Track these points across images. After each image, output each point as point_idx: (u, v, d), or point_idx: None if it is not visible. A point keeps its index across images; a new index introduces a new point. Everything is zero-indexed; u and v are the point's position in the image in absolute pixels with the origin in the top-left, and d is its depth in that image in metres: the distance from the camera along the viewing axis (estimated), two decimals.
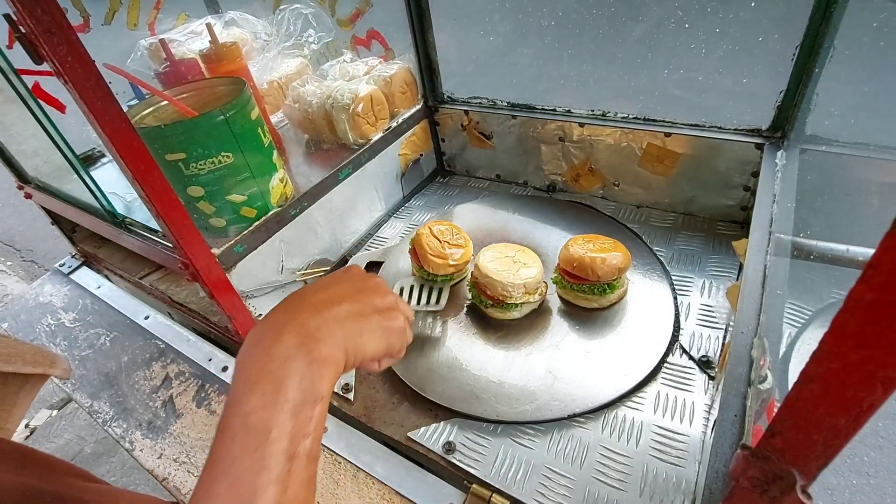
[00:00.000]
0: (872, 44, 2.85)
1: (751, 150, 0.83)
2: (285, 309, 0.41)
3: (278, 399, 0.34)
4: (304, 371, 0.37)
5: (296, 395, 0.35)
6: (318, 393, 0.37)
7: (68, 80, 0.54)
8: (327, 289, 0.44)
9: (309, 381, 0.36)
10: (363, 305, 0.45)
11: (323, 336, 0.39)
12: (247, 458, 0.32)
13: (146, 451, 0.78)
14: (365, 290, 0.46)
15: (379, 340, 0.45)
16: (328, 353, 0.39)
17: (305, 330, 0.39)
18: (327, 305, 0.42)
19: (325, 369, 0.38)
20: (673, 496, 0.58)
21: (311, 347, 0.38)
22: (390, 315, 0.47)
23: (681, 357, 0.73)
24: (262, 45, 1.18)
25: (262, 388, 0.35)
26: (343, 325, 0.41)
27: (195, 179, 0.77)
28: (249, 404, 0.34)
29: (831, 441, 0.25)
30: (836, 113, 2.11)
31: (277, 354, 0.37)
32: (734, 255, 0.85)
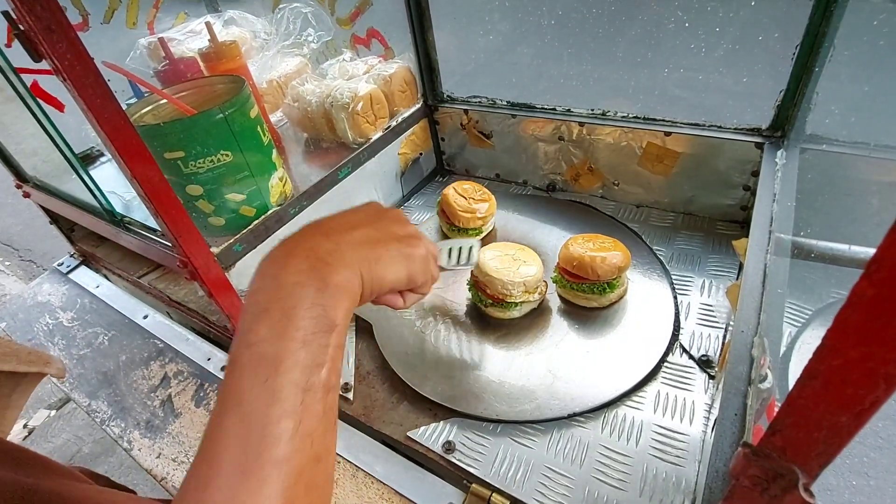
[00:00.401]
0: (872, 43, 2.86)
1: (751, 150, 0.83)
2: (296, 235, 0.38)
3: (288, 328, 0.32)
4: (314, 297, 0.34)
5: (307, 324, 0.33)
6: (331, 320, 0.34)
7: (67, 78, 0.54)
8: (343, 216, 0.42)
9: (321, 308, 0.34)
10: (380, 232, 0.41)
11: (335, 260, 0.36)
12: (256, 390, 0.30)
13: (144, 450, 0.77)
14: (383, 218, 0.43)
15: (399, 267, 0.41)
16: (342, 279, 0.36)
17: (316, 254, 0.36)
18: (341, 231, 0.39)
19: (338, 295, 0.35)
20: (673, 496, 0.58)
21: (323, 272, 0.35)
22: (411, 242, 0.43)
23: (681, 356, 0.73)
24: (261, 44, 1.18)
25: (270, 316, 0.32)
26: (358, 249, 0.38)
27: (194, 178, 0.76)
28: (258, 334, 0.32)
29: (833, 439, 0.25)
30: (836, 112, 2.11)
31: (286, 281, 0.34)
32: (734, 255, 0.85)
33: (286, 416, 0.30)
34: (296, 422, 0.30)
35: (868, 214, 0.74)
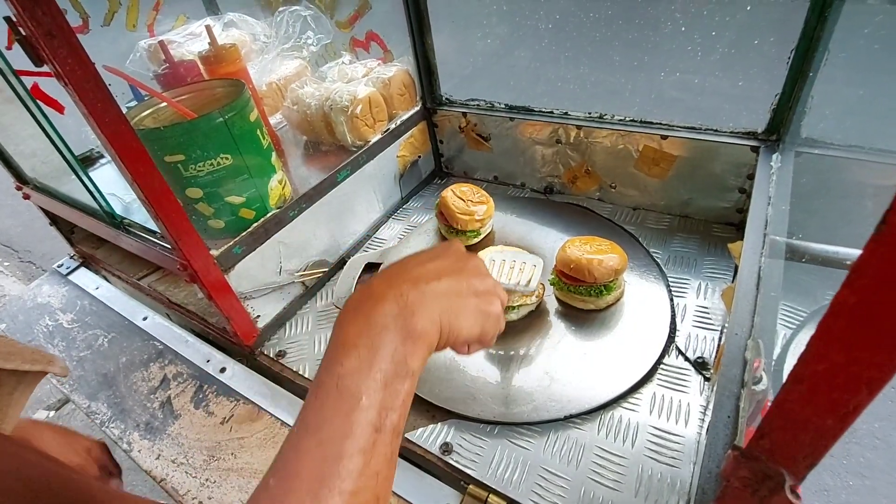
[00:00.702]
0: (867, 47, 2.87)
1: (746, 153, 0.84)
2: (386, 277, 0.41)
3: (372, 367, 0.35)
4: (398, 343, 0.37)
5: (388, 367, 0.36)
6: (409, 368, 0.37)
7: (68, 82, 0.54)
8: (428, 263, 0.44)
9: (402, 355, 0.37)
10: (462, 285, 0.43)
11: (420, 310, 0.39)
12: (337, 420, 0.33)
13: (144, 451, 0.78)
14: (465, 270, 0.45)
15: (474, 323, 0.44)
16: (423, 328, 0.39)
17: (404, 301, 0.39)
18: (427, 279, 0.41)
19: (418, 344, 0.38)
20: (668, 497, 0.58)
21: (408, 320, 0.38)
22: (488, 299, 0.45)
23: (677, 358, 0.73)
24: (260, 47, 1.18)
25: (358, 352, 0.35)
26: (440, 301, 0.41)
27: (194, 181, 0.77)
28: (345, 366, 0.35)
29: (818, 442, 0.26)
30: (830, 116, 2.12)
31: (376, 322, 0.37)
32: (729, 257, 0.85)
33: (359, 453, 0.32)
34: (366, 460, 0.32)
35: (862, 217, 0.75)
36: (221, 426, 0.79)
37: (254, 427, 0.77)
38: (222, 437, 0.77)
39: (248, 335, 0.85)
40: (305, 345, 0.87)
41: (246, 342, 0.85)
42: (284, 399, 0.81)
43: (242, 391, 0.83)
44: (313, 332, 0.90)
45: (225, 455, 0.74)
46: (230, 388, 0.84)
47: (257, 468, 0.72)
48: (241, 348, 0.87)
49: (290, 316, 0.93)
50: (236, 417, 0.79)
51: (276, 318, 0.90)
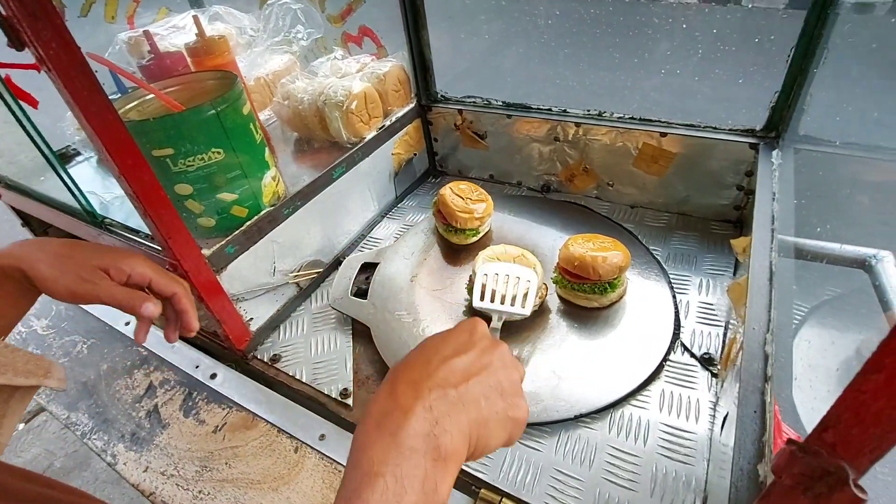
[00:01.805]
0: (865, 45, 2.96)
1: (745, 150, 0.84)
2: (410, 381, 0.37)
3: (402, 501, 0.31)
4: (428, 470, 0.33)
5: (419, 498, 0.32)
6: (439, 497, 0.33)
7: (52, 68, 0.50)
8: (454, 358, 0.40)
9: (432, 483, 0.33)
10: (490, 383, 0.40)
11: (450, 427, 0.35)
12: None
13: (130, 464, 0.73)
14: (492, 365, 0.41)
15: (502, 432, 0.40)
16: (454, 449, 0.35)
17: (433, 416, 0.35)
18: (455, 383, 0.38)
19: (448, 468, 0.35)
20: (684, 495, 0.57)
21: (440, 440, 0.34)
22: (516, 402, 0.41)
23: (682, 355, 0.73)
24: (248, 41, 1.15)
25: (383, 483, 0.31)
26: (470, 411, 0.37)
27: (183, 176, 0.73)
28: (370, 501, 0.31)
29: (889, 434, 0.25)
30: (829, 114, 2.17)
31: (403, 443, 0.33)
32: (729, 254, 0.86)
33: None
34: None
35: (859, 213, 0.76)
36: (214, 435, 0.75)
37: (248, 435, 0.74)
38: (215, 447, 0.73)
39: (240, 339, 0.81)
40: (301, 348, 0.84)
41: (238, 346, 0.81)
42: (280, 405, 0.77)
43: (235, 398, 0.79)
44: (308, 334, 0.86)
45: (218, 465, 0.70)
46: (222, 395, 0.80)
47: (253, 478, 0.68)
48: (233, 353, 0.83)
49: (285, 318, 0.89)
50: (229, 425, 0.76)
51: (269, 321, 0.86)
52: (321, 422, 0.73)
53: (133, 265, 0.57)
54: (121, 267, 0.56)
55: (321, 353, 0.82)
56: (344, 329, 0.85)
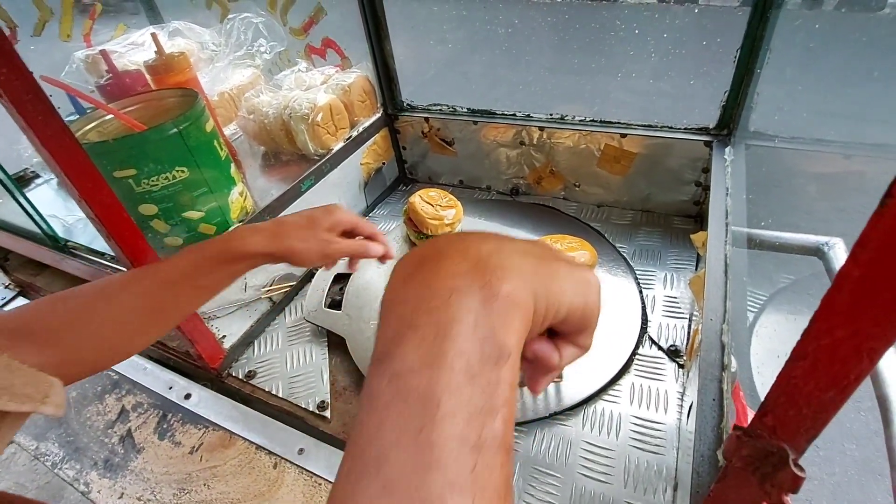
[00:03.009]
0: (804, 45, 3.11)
1: (700, 148, 0.88)
2: (439, 241, 0.28)
3: (447, 352, 0.22)
4: (479, 310, 0.24)
5: (472, 347, 0.23)
6: (502, 345, 0.23)
7: (3, 93, 0.50)
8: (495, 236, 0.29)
9: (488, 327, 0.23)
10: (549, 251, 0.30)
11: (504, 263, 0.25)
12: (406, 446, 0.21)
13: (104, 491, 0.72)
14: (549, 247, 0.31)
15: (577, 291, 0.29)
16: (513, 288, 0.25)
17: (478, 254, 0.26)
18: (498, 238, 0.28)
19: (511, 311, 0.24)
20: (656, 484, 0.59)
21: (489, 278, 0.24)
22: (584, 268, 0.31)
23: (650, 348, 0.75)
24: (210, 56, 1.14)
25: (419, 334, 0.23)
26: (527, 258, 0.27)
27: (147, 196, 0.72)
28: (404, 361, 0.23)
29: (820, 415, 0.27)
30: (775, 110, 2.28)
31: (440, 286, 0.24)
32: (691, 248, 0.89)
33: (453, 491, 0.20)
34: (468, 498, 0.20)
35: (807, 202, 0.80)
36: (190, 456, 0.74)
37: (227, 454, 0.73)
38: (192, 468, 0.72)
39: (213, 357, 0.80)
40: (276, 363, 0.84)
41: (212, 365, 0.80)
42: (258, 421, 0.77)
43: (211, 417, 0.78)
44: (284, 348, 0.86)
45: (197, 487, 0.70)
46: (197, 415, 0.79)
47: (233, 497, 0.68)
48: (207, 371, 0.82)
49: (259, 334, 0.89)
50: (206, 445, 0.75)
51: (243, 337, 0.85)
52: (300, 436, 0.73)
53: (342, 217, 0.63)
54: (339, 222, 0.62)
55: (297, 367, 0.82)
56: (319, 341, 0.85)
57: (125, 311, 0.50)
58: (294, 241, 0.57)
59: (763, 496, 0.31)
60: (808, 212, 0.81)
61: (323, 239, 0.59)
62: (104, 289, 0.51)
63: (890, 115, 2.44)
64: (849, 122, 2.41)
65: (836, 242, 0.84)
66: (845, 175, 0.75)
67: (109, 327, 0.49)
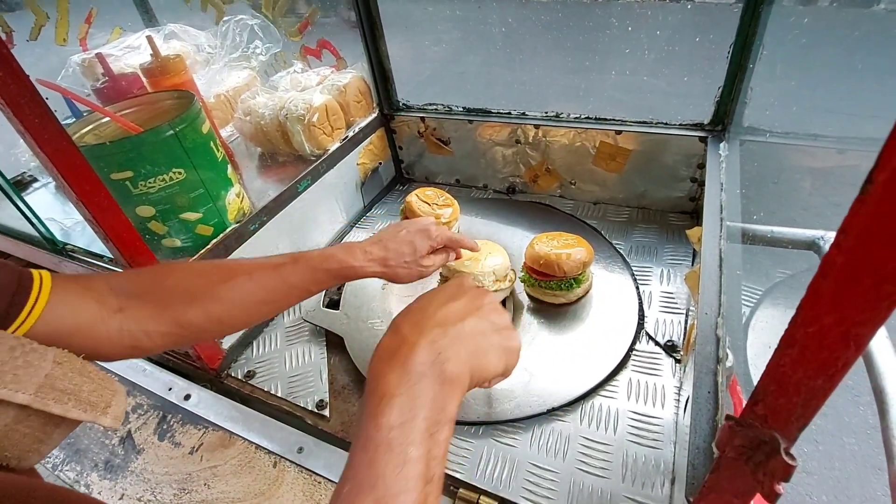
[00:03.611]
0: (796, 41, 3.12)
1: (695, 144, 0.88)
2: (413, 322, 0.42)
3: (416, 416, 0.35)
4: (437, 390, 0.38)
5: (431, 415, 0.36)
6: (448, 414, 0.38)
7: (0, 97, 0.50)
8: (449, 303, 0.45)
9: (441, 401, 0.37)
10: (485, 323, 0.45)
11: (452, 356, 0.40)
12: (391, 477, 0.33)
13: (105, 492, 0.72)
14: (483, 307, 0.46)
15: (499, 360, 0.45)
16: (457, 373, 0.39)
17: (436, 348, 0.40)
18: (453, 321, 0.43)
19: (454, 389, 0.39)
20: (654, 478, 0.60)
21: (443, 367, 0.39)
22: (508, 335, 0.47)
23: (647, 343, 0.76)
24: (205, 58, 1.14)
25: (400, 402, 0.36)
26: (468, 343, 0.42)
27: (145, 198, 0.73)
28: (390, 418, 0.35)
29: (810, 402, 0.27)
30: (768, 106, 2.28)
31: (413, 370, 0.38)
32: (687, 244, 0.89)
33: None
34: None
35: (802, 197, 0.80)
36: (191, 456, 0.74)
37: (227, 454, 0.73)
38: (193, 468, 0.72)
39: (213, 358, 0.81)
40: (275, 362, 0.84)
41: (211, 366, 0.81)
42: (257, 421, 0.77)
43: (211, 417, 0.78)
44: (283, 348, 0.86)
45: (197, 486, 0.70)
46: (197, 416, 0.79)
47: (234, 496, 0.68)
48: (207, 372, 0.82)
49: (257, 334, 0.89)
50: (206, 446, 0.75)
51: (242, 338, 0.86)
52: (299, 435, 0.74)
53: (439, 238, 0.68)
54: (436, 244, 0.68)
55: (296, 367, 0.82)
56: (318, 341, 0.86)
57: (244, 294, 0.54)
58: (399, 269, 0.64)
59: (756, 485, 0.32)
60: (805, 207, 0.81)
61: (422, 266, 0.66)
62: (229, 271, 0.55)
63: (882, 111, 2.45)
64: (841, 118, 2.42)
65: (831, 236, 0.85)
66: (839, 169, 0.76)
67: (223, 306, 0.53)
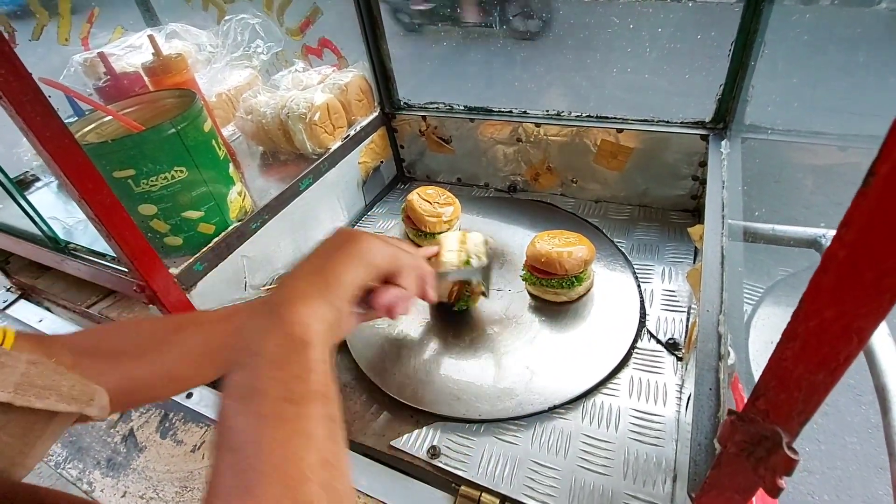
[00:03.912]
0: (798, 38, 3.11)
1: (696, 142, 0.88)
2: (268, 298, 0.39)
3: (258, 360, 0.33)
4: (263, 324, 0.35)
5: (272, 350, 0.34)
6: (299, 339, 0.34)
7: (3, 95, 0.50)
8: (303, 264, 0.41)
9: (282, 337, 0.35)
10: (326, 252, 0.42)
11: (290, 295, 0.37)
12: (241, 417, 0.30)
13: (107, 490, 0.72)
14: (340, 243, 0.42)
15: (355, 265, 0.41)
16: (295, 303, 0.37)
17: (273, 300, 0.37)
18: (296, 275, 0.40)
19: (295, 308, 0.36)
20: (655, 475, 0.60)
21: (279, 310, 0.36)
22: (351, 238, 0.42)
23: (649, 341, 0.76)
24: (207, 57, 1.14)
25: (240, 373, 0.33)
26: (307, 278, 0.39)
27: (147, 196, 0.73)
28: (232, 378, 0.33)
29: (811, 397, 0.27)
30: (770, 103, 2.28)
31: (249, 329, 0.36)
32: (689, 242, 0.89)
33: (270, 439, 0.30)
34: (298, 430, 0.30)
35: (804, 195, 0.80)
36: (192, 454, 0.74)
37: None
38: (194, 466, 0.72)
39: None
40: None
41: None
42: None
43: (213, 415, 0.79)
44: None
45: (199, 484, 0.70)
46: (199, 414, 0.79)
47: None
48: None
49: None
50: (208, 444, 0.75)
51: None
52: None
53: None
54: None
55: None
56: None
57: (192, 346, 0.51)
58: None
59: (757, 480, 0.32)
60: (806, 206, 0.81)
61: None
62: (179, 323, 0.52)
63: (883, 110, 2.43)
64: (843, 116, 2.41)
65: (833, 234, 0.85)
66: (842, 167, 0.75)
67: (171, 358, 0.50)
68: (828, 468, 1.47)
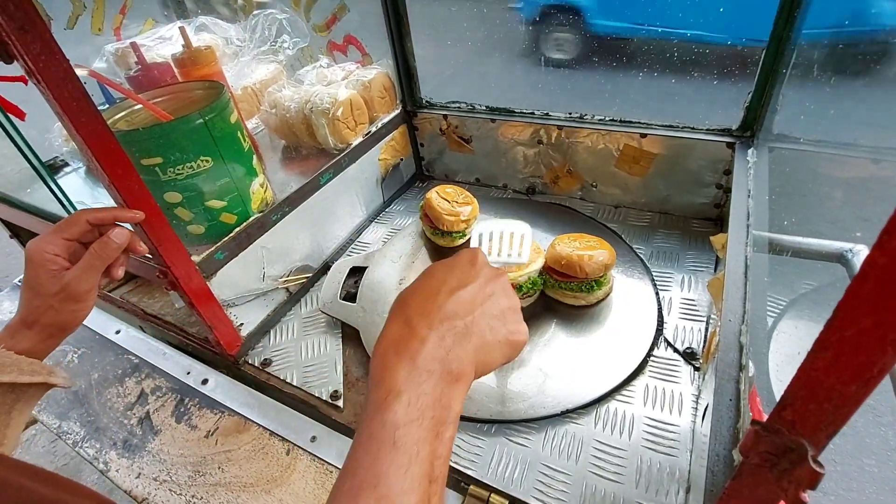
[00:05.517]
0: (832, 46, 3.03)
1: (722, 149, 0.87)
2: (421, 313, 0.41)
3: (423, 415, 0.35)
4: (444, 389, 0.37)
5: (437, 414, 0.36)
6: (453, 413, 0.37)
7: (41, 80, 0.51)
8: (458, 291, 0.43)
9: (448, 400, 0.37)
10: (494, 313, 0.43)
11: (460, 354, 0.39)
12: (394, 476, 0.32)
13: (122, 471, 0.74)
14: (495, 294, 0.45)
15: (503, 356, 0.44)
16: (463, 371, 0.39)
17: (445, 345, 0.39)
18: (462, 314, 0.41)
19: (459, 387, 0.38)
20: (668, 485, 0.59)
21: (451, 365, 0.38)
22: (517, 328, 0.45)
23: (666, 350, 0.75)
24: (234, 51, 1.16)
25: (407, 400, 0.35)
26: (475, 339, 0.41)
27: (172, 184, 0.74)
28: (396, 416, 0.34)
29: (841, 409, 0.26)
30: (800, 112, 2.22)
31: (421, 367, 0.37)
32: (710, 251, 0.88)
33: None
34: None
35: (834, 208, 0.78)
36: (206, 440, 0.75)
37: (241, 439, 0.74)
38: (207, 451, 0.73)
39: (231, 344, 0.82)
40: (291, 352, 0.85)
41: (229, 351, 0.82)
42: (272, 408, 0.78)
43: (227, 402, 0.80)
44: (299, 338, 0.87)
45: (211, 469, 0.71)
46: (214, 400, 0.81)
47: (246, 481, 0.69)
48: (225, 358, 0.83)
49: (275, 323, 0.90)
50: (222, 430, 0.76)
51: (260, 326, 0.87)
52: (312, 424, 0.74)
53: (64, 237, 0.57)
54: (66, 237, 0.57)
55: (311, 357, 0.83)
56: (334, 332, 0.86)
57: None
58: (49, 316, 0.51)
59: (780, 493, 0.31)
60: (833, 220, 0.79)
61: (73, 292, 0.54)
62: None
63: None
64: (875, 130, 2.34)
65: (860, 249, 0.83)
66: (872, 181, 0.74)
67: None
68: (843, 489, 1.43)
